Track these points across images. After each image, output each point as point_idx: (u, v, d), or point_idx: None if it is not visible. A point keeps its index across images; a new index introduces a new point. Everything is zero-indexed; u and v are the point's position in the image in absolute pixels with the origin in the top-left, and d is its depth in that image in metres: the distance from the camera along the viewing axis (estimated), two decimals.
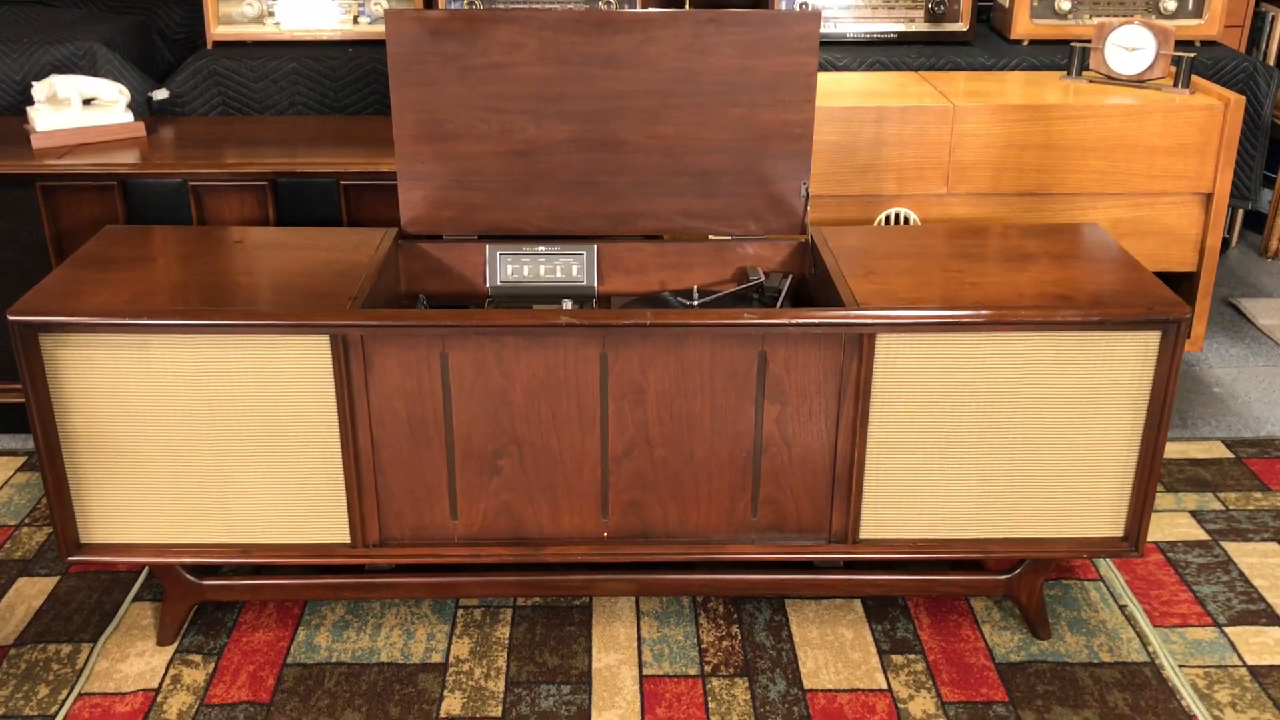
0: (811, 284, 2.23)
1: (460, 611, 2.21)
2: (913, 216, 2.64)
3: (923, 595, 2.22)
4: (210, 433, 1.95)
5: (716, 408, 1.96)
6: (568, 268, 2.26)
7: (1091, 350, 1.92)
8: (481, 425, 1.96)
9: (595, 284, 2.27)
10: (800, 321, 1.89)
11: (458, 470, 2.00)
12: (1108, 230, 2.46)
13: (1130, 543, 2.04)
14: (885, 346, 1.92)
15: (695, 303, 2.14)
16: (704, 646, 2.13)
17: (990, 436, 1.97)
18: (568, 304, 2.16)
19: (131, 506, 2.00)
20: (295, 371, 1.91)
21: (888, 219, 2.65)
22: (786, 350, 1.92)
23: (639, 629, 2.17)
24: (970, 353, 1.92)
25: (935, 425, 1.97)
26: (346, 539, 2.03)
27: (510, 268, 2.26)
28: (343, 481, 1.98)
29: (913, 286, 1.99)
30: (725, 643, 2.14)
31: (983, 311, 1.89)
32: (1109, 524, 2.04)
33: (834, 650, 2.13)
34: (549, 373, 1.93)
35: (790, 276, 2.23)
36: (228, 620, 2.20)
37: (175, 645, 2.14)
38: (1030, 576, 2.13)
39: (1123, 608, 2.23)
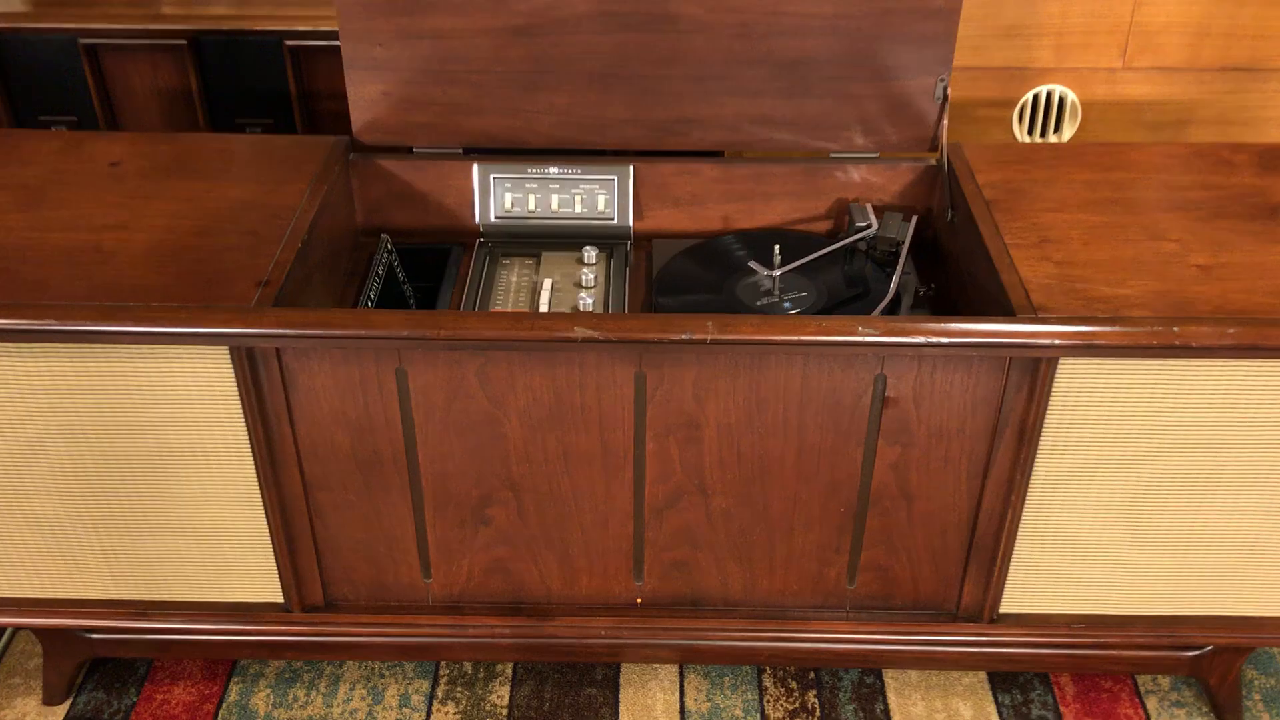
0: (946, 235, 1.54)
1: (443, 664, 1.65)
2: (1071, 98, 1.92)
3: (1074, 671, 1.62)
4: (74, 466, 1.34)
5: (806, 448, 1.33)
6: (591, 198, 1.58)
7: None
8: (461, 464, 1.34)
9: (630, 220, 1.59)
10: (946, 341, 1.22)
11: (429, 520, 1.39)
12: None
13: None
14: (1071, 375, 1.26)
15: (776, 271, 1.47)
16: None
17: (1208, 491, 1.34)
18: (585, 301, 1.48)
19: None
20: (186, 391, 1.28)
21: (1035, 101, 1.93)
22: (919, 375, 1.27)
23: (682, 696, 1.61)
24: (1197, 385, 1.26)
25: (1127, 478, 1.33)
26: (278, 598, 1.46)
27: (510, 197, 1.58)
28: (266, 530, 1.39)
29: (1112, 270, 1.31)
30: (799, 718, 1.58)
31: (1228, 329, 1.21)
32: None
33: None
34: (558, 398, 1.29)
35: (915, 219, 1.54)
36: (139, 670, 1.65)
37: (68, 706, 1.60)
38: (1229, 656, 1.53)
39: None
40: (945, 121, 1.53)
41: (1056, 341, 1.22)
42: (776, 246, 1.46)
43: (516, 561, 1.43)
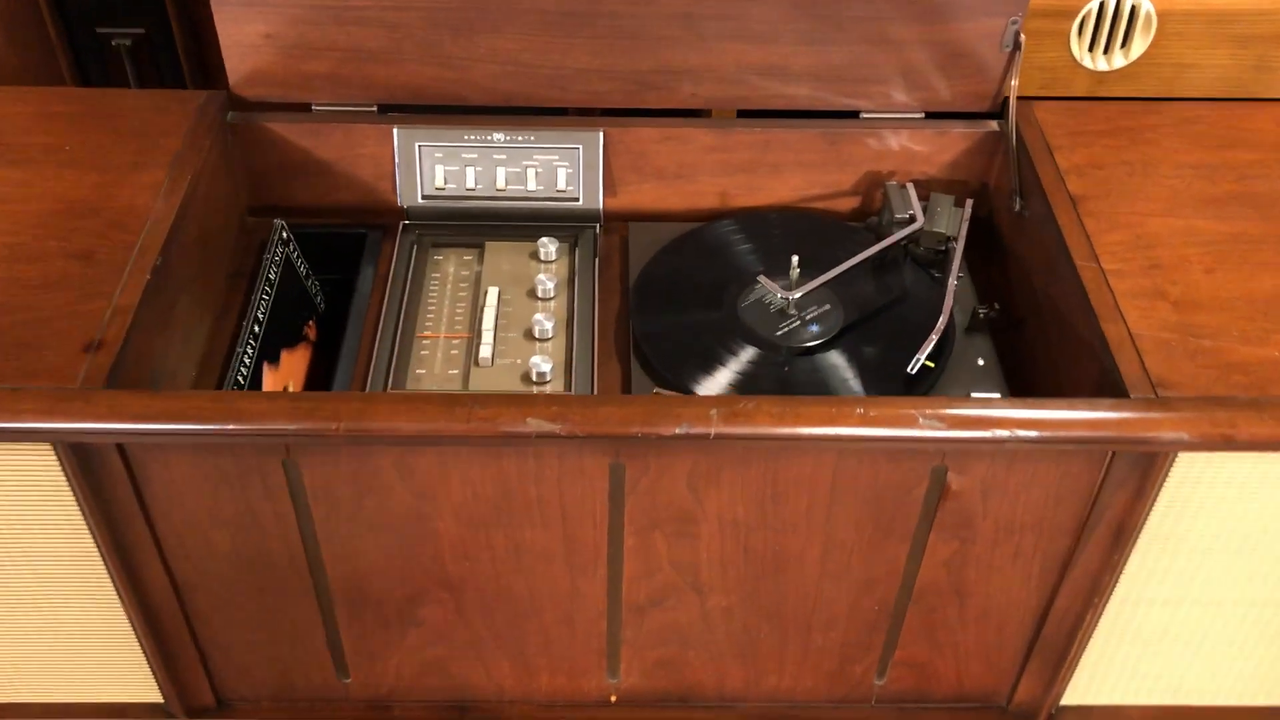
0: (1010, 227, 1.19)
1: None
2: (1147, 6, 1.53)
3: None
4: None
5: (835, 545, 1.01)
6: (549, 171, 1.21)
7: None
8: (378, 563, 1.02)
9: (600, 199, 1.23)
10: (1035, 435, 0.89)
11: (342, 622, 1.08)
12: None
13: None
14: (1190, 468, 0.94)
15: (795, 293, 1.12)
16: None
17: None
18: (541, 325, 1.12)
19: None
20: (7, 487, 0.94)
21: (1100, 10, 1.54)
22: (991, 467, 0.95)
23: None
24: None
25: (1240, 574, 1.03)
26: (157, 698, 1.15)
27: (442, 171, 1.21)
28: (131, 632, 1.07)
29: (1250, 316, 0.98)
30: None
31: None
32: None
33: None
34: (506, 492, 0.96)
35: (970, 204, 1.19)
36: None
37: None
38: None
39: None
40: (1016, 77, 1.16)
41: (1183, 436, 0.90)
42: (795, 259, 1.11)
43: (458, 662, 1.12)
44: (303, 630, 1.09)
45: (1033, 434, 0.89)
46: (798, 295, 1.10)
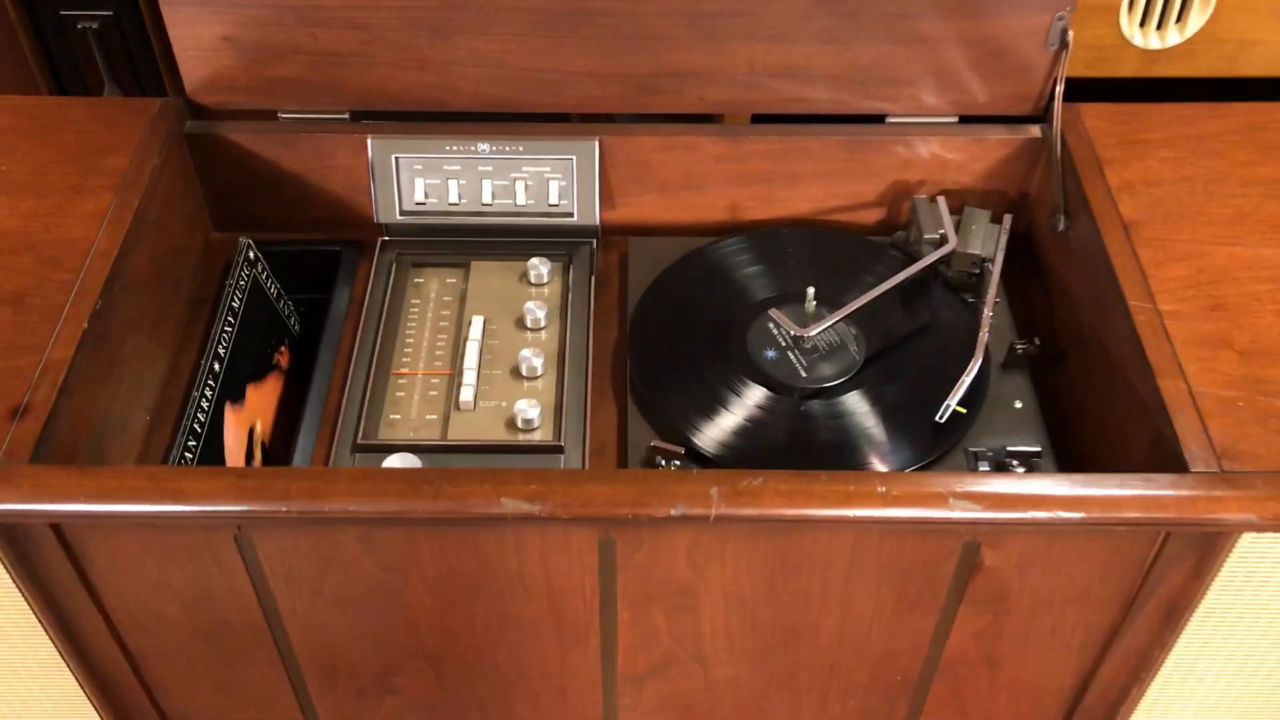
0: (1052, 246, 1.07)
1: None
2: None
3: None
4: None
5: (852, 617, 0.91)
6: (540, 184, 1.10)
7: None
8: (349, 633, 0.93)
9: (597, 213, 1.11)
10: (1080, 517, 0.78)
11: (314, 690, 0.99)
12: None
13: None
14: (1255, 547, 0.83)
15: (812, 330, 1.00)
16: None
17: None
18: (529, 363, 1.01)
19: None
20: None
21: None
22: (1031, 544, 0.84)
23: None
24: None
25: None
26: None
27: (423, 184, 1.09)
28: (89, 704, 0.99)
29: None
30: None
31: None
32: None
33: None
34: (484, 566, 0.86)
35: (1009, 221, 1.06)
36: None
37: None
38: None
39: None
40: (1062, 80, 1.03)
41: (1252, 518, 0.78)
42: (811, 290, 1.00)
43: None
44: (273, 697, 1.00)
45: (1078, 515, 0.78)
46: (814, 333, 0.98)
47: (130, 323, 0.97)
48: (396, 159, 1.08)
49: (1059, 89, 1.03)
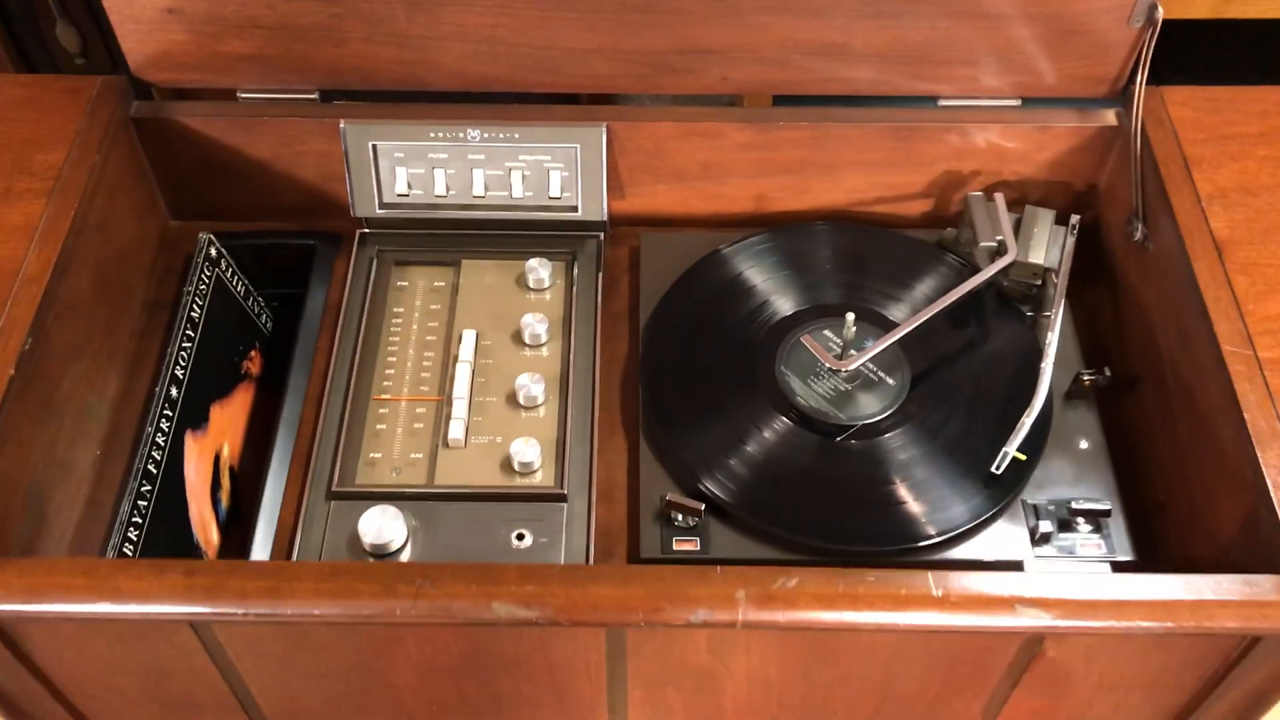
0: (1125, 256, 0.93)
1: None
2: None
3: None
4: None
5: (892, 698, 0.81)
6: (539, 174, 0.96)
7: None
8: (327, 706, 0.83)
9: (604, 210, 0.97)
10: (1155, 625, 0.67)
11: None
12: None
13: None
14: None
15: (850, 364, 0.88)
16: None
17: None
18: (527, 390, 0.88)
19: None
20: None
21: None
22: (1100, 640, 0.73)
23: None
24: None
25: None
26: None
27: (405, 173, 0.96)
28: None
29: None
30: None
31: None
32: None
33: None
34: (475, 647, 0.76)
35: (1076, 224, 0.93)
36: None
37: None
38: None
39: None
40: (1146, 63, 0.88)
41: None
42: (850, 316, 0.87)
43: None
44: None
45: (1165, 625, 0.67)
46: (852, 367, 0.86)
47: (71, 351, 0.84)
48: (374, 146, 0.94)
49: (1143, 74, 0.88)
